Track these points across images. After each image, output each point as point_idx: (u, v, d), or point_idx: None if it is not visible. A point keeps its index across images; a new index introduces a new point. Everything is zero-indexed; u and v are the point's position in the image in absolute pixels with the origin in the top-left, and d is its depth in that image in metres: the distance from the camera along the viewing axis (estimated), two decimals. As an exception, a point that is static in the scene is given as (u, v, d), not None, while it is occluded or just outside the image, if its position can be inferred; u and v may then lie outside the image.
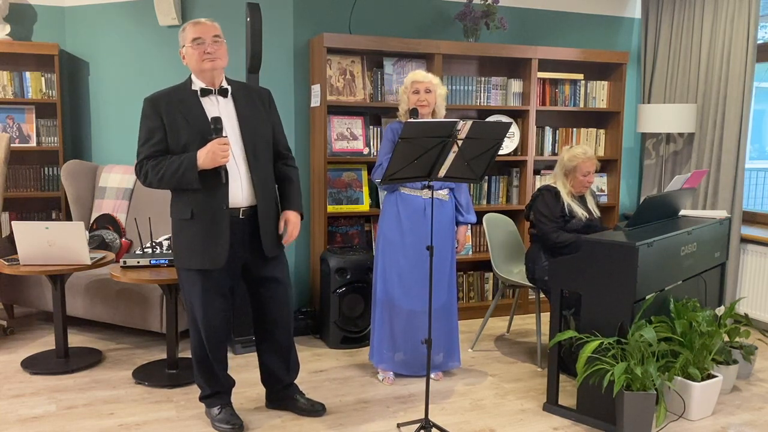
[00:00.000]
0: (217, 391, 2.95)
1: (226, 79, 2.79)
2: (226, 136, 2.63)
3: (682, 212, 3.84)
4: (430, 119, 3.37)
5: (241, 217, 2.74)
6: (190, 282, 2.77)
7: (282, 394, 3.11)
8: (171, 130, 2.66)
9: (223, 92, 2.73)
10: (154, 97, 2.71)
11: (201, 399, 3.00)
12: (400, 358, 3.49)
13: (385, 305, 3.43)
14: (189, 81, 2.74)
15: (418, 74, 3.43)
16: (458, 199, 3.51)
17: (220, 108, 2.72)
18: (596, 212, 3.78)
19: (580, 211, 3.65)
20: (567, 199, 3.65)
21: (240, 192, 2.72)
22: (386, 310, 3.44)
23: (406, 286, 3.39)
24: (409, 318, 3.40)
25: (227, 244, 2.69)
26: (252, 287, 2.93)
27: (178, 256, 2.78)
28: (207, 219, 2.68)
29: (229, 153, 2.63)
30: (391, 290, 3.41)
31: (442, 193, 3.44)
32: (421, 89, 3.38)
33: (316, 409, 3.06)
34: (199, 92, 2.70)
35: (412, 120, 2.92)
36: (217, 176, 2.64)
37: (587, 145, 4.96)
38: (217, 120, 2.63)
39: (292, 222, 2.85)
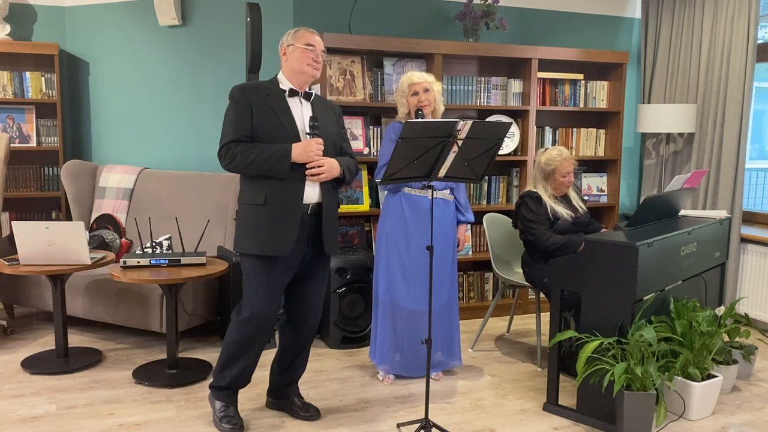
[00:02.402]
0: (233, 386, 2.96)
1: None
2: (321, 135, 2.77)
3: (682, 212, 3.84)
4: (430, 119, 3.37)
5: (309, 213, 2.81)
6: (253, 269, 2.81)
7: (284, 391, 3.12)
8: (259, 120, 2.76)
9: (307, 96, 2.87)
10: (243, 85, 2.83)
11: (211, 388, 3.00)
12: (401, 358, 3.49)
13: (388, 305, 3.43)
14: (275, 80, 2.86)
15: (414, 76, 3.42)
16: (457, 198, 3.52)
17: (303, 109, 2.85)
18: (582, 208, 3.77)
19: (564, 212, 3.64)
20: (550, 202, 3.64)
21: (311, 188, 2.80)
22: (389, 310, 3.44)
23: (410, 285, 3.39)
24: (411, 317, 3.41)
25: (296, 233, 2.75)
26: (295, 282, 2.95)
27: (239, 240, 2.83)
28: (280, 206, 2.75)
29: (322, 152, 2.76)
30: (395, 290, 3.41)
31: (445, 193, 3.45)
32: (419, 90, 3.38)
33: (311, 413, 3.07)
34: (287, 92, 2.82)
35: (412, 120, 2.92)
36: (297, 170, 2.74)
37: (587, 144, 4.97)
38: (316, 118, 2.78)
39: (329, 159, 2.80)
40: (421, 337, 3.28)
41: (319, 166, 2.75)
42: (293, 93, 2.83)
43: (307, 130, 2.77)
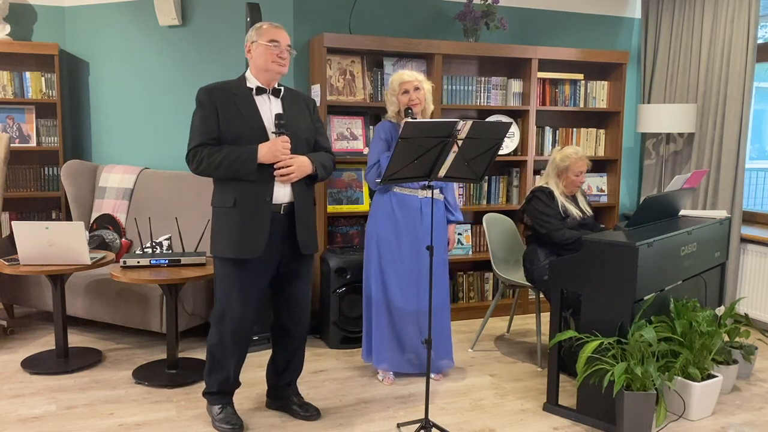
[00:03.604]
0: (222, 390, 2.96)
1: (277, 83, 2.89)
2: (288, 134, 2.72)
3: (682, 212, 3.84)
4: (430, 119, 3.37)
5: (281, 213, 2.78)
6: (226, 272, 2.79)
7: (282, 392, 3.12)
8: (224, 121, 2.72)
9: (276, 92, 2.82)
10: (209, 87, 2.78)
11: (204, 395, 3.00)
12: (398, 356, 3.49)
13: (383, 305, 3.42)
14: (243, 78, 2.82)
15: (405, 74, 3.41)
16: (447, 198, 3.52)
17: (271, 106, 2.80)
18: (588, 211, 3.78)
19: (574, 211, 3.66)
20: (561, 199, 3.66)
21: (282, 188, 2.77)
22: (384, 310, 3.43)
23: (403, 285, 3.39)
24: (402, 317, 3.40)
25: (266, 235, 2.72)
26: (278, 283, 2.94)
27: (214, 244, 2.81)
28: (249, 208, 2.72)
29: (289, 151, 2.72)
30: (388, 289, 3.40)
31: (436, 192, 3.45)
32: (410, 89, 3.37)
33: (310, 413, 3.07)
34: (254, 90, 2.77)
35: (411, 120, 2.92)
36: (266, 170, 2.71)
37: (587, 144, 4.97)
38: (281, 116, 2.73)
39: (298, 157, 2.77)
40: (417, 336, 3.27)
41: (288, 166, 2.71)
42: (260, 90, 2.77)
43: (273, 129, 2.72)
